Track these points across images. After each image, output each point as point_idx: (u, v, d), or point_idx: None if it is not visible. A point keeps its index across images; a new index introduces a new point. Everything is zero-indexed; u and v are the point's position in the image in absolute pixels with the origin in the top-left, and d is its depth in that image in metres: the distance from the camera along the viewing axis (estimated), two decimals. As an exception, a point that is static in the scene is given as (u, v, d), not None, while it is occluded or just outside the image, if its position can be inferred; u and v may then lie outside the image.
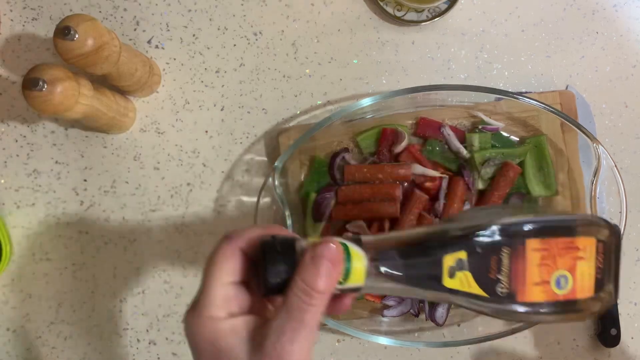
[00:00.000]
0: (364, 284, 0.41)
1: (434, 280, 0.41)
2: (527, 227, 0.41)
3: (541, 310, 0.42)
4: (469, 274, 0.41)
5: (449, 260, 0.41)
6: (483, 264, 0.41)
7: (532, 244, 0.41)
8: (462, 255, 0.41)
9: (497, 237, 0.41)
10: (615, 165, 0.68)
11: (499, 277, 0.41)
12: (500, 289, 0.41)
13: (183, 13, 0.78)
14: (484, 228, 0.41)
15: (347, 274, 0.41)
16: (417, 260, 0.41)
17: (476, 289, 0.41)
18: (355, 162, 0.75)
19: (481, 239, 0.41)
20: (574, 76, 0.78)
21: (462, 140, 0.74)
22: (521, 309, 0.42)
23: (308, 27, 0.78)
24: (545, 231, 0.42)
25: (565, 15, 0.78)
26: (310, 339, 0.40)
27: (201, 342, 0.42)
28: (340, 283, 0.41)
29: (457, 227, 0.42)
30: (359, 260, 0.41)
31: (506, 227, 0.41)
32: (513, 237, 0.41)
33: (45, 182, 0.78)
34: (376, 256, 0.41)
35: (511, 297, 0.41)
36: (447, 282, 0.41)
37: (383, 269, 0.41)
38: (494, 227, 0.41)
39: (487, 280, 0.41)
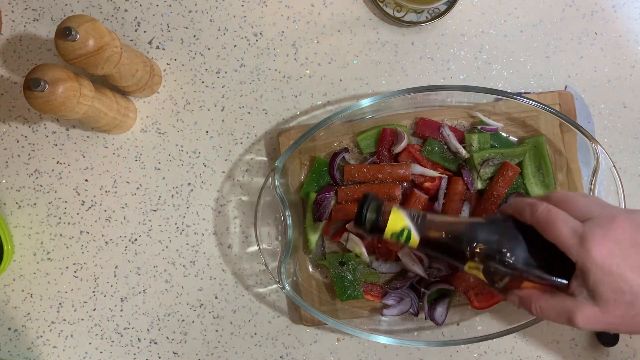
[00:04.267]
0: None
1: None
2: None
3: None
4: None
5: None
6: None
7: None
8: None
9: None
10: (614, 166, 0.68)
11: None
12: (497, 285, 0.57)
13: (184, 14, 0.79)
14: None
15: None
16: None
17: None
18: (355, 162, 0.75)
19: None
20: (572, 76, 0.78)
21: (462, 141, 0.74)
22: None
23: (308, 28, 0.78)
24: None
25: (564, 16, 0.78)
26: None
27: None
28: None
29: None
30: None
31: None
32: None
33: (46, 182, 0.78)
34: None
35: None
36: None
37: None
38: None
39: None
